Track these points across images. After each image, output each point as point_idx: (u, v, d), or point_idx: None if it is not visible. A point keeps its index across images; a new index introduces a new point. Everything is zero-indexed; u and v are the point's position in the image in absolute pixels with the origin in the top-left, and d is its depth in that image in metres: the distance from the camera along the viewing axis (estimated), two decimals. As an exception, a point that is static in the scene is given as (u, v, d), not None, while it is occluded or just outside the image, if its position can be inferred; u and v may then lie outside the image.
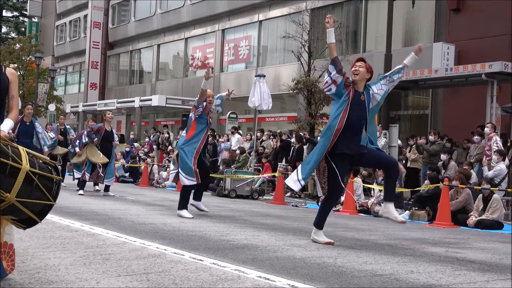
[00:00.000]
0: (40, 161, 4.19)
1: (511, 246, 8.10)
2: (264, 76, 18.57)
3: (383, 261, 6.22)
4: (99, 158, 14.41)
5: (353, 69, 7.41)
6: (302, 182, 7.21)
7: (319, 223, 7.40)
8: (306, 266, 5.63)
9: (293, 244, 7.11)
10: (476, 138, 15.78)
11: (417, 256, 6.79)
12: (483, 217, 11.70)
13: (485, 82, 16.90)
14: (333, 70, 7.39)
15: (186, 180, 9.75)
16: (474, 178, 13.86)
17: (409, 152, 17.51)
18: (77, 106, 38.81)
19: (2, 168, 3.87)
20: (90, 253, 5.56)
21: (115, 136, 15.24)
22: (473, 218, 11.80)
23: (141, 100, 32.22)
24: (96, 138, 14.54)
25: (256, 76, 18.66)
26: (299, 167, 7.34)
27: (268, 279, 4.87)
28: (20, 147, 4.13)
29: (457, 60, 20.88)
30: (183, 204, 9.92)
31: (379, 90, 7.45)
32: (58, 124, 17.77)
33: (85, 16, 45.35)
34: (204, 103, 10.16)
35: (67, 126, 17.75)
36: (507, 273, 6.02)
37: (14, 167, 3.93)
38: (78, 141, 15.32)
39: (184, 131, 10.73)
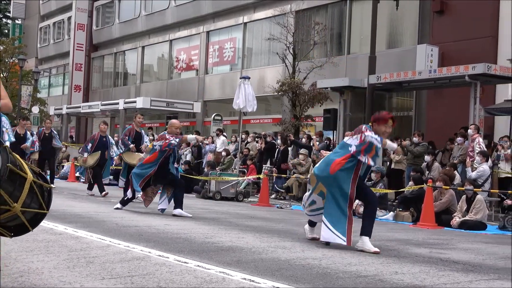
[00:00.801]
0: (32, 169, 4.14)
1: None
2: (249, 78, 18.58)
3: (368, 262, 6.24)
4: (136, 158, 13.55)
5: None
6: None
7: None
8: (290, 267, 5.64)
9: (278, 246, 7.12)
10: (459, 139, 15.88)
11: (401, 257, 6.82)
12: (467, 218, 11.77)
13: (469, 83, 17.01)
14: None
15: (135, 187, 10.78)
16: (457, 179, 13.95)
17: (393, 153, 17.56)
18: (61, 109, 38.63)
19: (13, 178, 3.81)
20: (74, 256, 5.54)
21: (146, 137, 14.68)
22: (456, 219, 11.86)
23: (125, 102, 32.13)
24: (132, 145, 13.99)
25: (241, 78, 18.65)
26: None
27: (253, 281, 4.87)
28: (15, 155, 4.03)
29: (440, 62, 21.01)
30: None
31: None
32: (44, 128, 17.29)
33: (69, 18, 45.14)
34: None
35: (54, 131, 17.52)
36: (491, 273, 6.06)
37: (22, 177, 3.86)
38: (90, 144, 15.39)
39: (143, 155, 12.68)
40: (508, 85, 18.96)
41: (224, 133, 23.89)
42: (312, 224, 7.94)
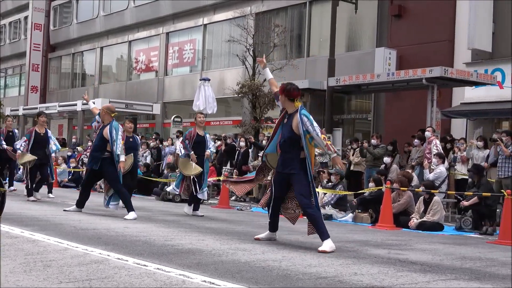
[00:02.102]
0: None
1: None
2: (209, 79, 18.55)
3: (327, 264, 6.27)
4: (192, 169, 12.00)
5: None
6: None
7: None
8: (251, 269, 5.63)
9: (238, 248, 7.10)
10: (416, 141, 16.10)
11: (360, 258, 6.88)
12: (424, 219, 11.93)
13: (426, 86, 17.27)
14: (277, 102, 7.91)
15: None
16: (415, 180, 14.13)
17: (353, 155, 17.73)
18: (17, 110, 37.91)
19: None
20: (31, 260, 5.43)
21: (210, 142, 12.56)
22: (414, 220, 12.01)
23: (83, 104, 31.71)
24: (192, 152, 12.00)
25: (200, 79, 18.61)
26: None
27: (213, 283, 4.85)
28: None
29: (398, 65, 21.29)
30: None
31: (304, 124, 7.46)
32: (5, 127, 16.39)
33: (26, 18, 44.42)
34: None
35: (15, 130, 17.11)
36: (448, 273, 6.15)
37: None
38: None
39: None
40: (464, 88, 19.31)
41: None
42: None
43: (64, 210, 11.11)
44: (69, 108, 33.44)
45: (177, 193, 13.15)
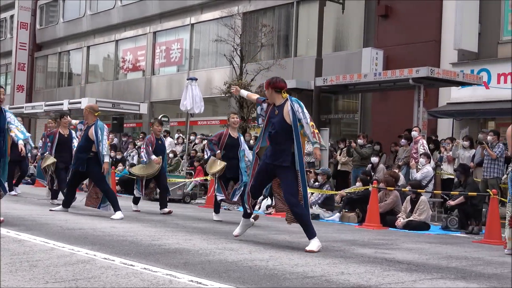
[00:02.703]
0: None
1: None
2: (196, 79, 18.50)
3: (314, 263, 6.28)
4: (217, 166, 11.12)
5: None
6: None
7: None
8: (238, 269, 5.63)
9: (225, 248, 7.10)
10: (403, 141, 16.16)
11: (347, 258, 6.89)
12: (411, 218, 11.98)
13: (412, 86, 17.34)
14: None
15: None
16: (402, 180, 14.19)
17: (340, 155, 17.78)
18: (3, 109, 37.68)
19: None
20: (17, 260, 5.40)
21: (244, 144, 11.47)
22: (401, 220, 12.06)
23: (70, 103, 31.53)
24: (218, 151, 11.18)
25: (188, 79, 18.56)
26: None
27: (200, 283, 4.84)
28: None
29: (385, 65, 21.37)
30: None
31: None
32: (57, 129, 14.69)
33: (12, 16, 44.14)
34: None
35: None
36: (434, 272, 6.18)
37: None
38: (149, 148, 12.39)
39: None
40: (451, 88, 19.41)
41: (181, 135, 23.29)
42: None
43: (51, 210, 11.07)
44: (55, 108, 33.23)
45: (140, 195, 12.73)
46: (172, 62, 32.17)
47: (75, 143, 13.11)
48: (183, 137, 21.97)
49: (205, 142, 20.98)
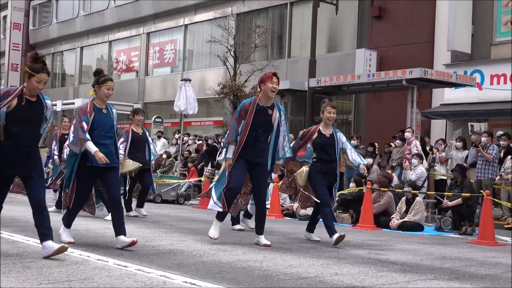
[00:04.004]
0: None
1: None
2: (190, 80, 18.48)
3: (308, 264, 6.28)
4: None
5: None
6: None
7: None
8: (232, 270, 5.63)
9: (219, 249, 7.10)
10: (397, 142, 16.19)
11: (341, 259, 6.90)
12: (406, 219, 11.99)
13: (406, 87, 17.37)
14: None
15: None
16: (395, 181, 14.21)
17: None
18: (-4, 110, 37.58)
19: None
20: (10, 261, 5.39)
21: (342, 142, 9.09)
22: (395, 221, 12.07)
23: (63, 104, 31.48)
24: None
25: (181, 80, 18.54)
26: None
27: (194, 284, 4.84)
28: None
29: (379, 66, 21.41)
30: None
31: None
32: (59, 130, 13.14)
33: (5, 17, 43.95)
34: None
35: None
36: (427, 273, 6.19)
37: None
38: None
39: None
40: (444, 89, 19.46)
41: (181, 135, 23.08)
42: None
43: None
44: (48, 108, 33.18)
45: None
46: (166, 63, 32.13)
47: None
48: (183, 137, 21.85)
49: (199, 142, 20.96)
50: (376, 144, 18.12)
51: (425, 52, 20.67)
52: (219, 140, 19.89)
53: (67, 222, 7.13)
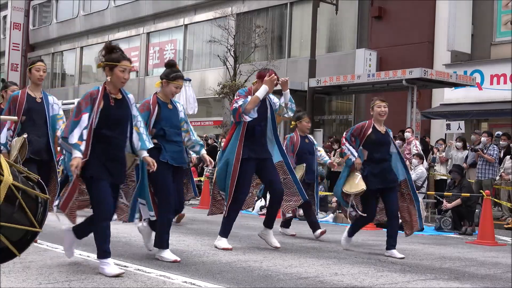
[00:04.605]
0: (22, 174, 3.22)
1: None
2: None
3: (308, 264, 6.28)
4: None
5: None
6: None
7: None
8: (232, 270, 5.63)
9: (218, 249, 7.09)
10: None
11: (341, 259, 6.90)
12: (406, 218, 11.96)
13: (406, 88, 17.38)
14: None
15: None
16: (395, 181, 14.17)
17: (333, 156, 17.76)
18: (-4, 110, 37.56)
19: None
20: (10, 262, 5.37)
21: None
22: (395, 221, 12.04)
23: (63, 104, 31.37)
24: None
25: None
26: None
27: (193, 284, 4.84)
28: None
29: (379, 66, 21.40)
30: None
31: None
32: None
33: (5, 17, 43.95)
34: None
35: None
36: (427, 273, 6.19)
37: None
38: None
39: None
40: (444, 89, 19.46)
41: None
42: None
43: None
44: (49, 108, 33.16)
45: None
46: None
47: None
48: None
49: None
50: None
51: (425, 52, 20.68)
52: (220, 140, 19.90)
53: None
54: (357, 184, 7.54)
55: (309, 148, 9.60)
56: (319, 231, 9.01)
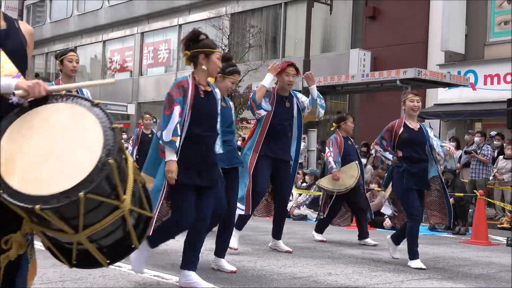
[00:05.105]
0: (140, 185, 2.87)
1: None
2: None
3: (302, 264, 6.29)
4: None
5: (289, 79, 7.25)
6: None
7: None
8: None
9: (213, 249, 7.07)
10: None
11: (335, 258, 6.91)
12: (399, 219, 11.98)
13: (400, 88, 17.38)
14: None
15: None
16: (389, 181, 14.19)
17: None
18: (-10, 110, 37.47)
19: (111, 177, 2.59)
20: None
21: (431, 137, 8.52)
22: (389, 221, 12.07)
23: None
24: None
25: (176, 80, 18.54)
26: None
27: (187, 284, 4.83)
28: (130, 157, 2.87)
29: (373, 66, 21.43)
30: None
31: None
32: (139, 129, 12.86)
33: (-2, 17, 43.90)
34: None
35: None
36: (421, 273, 6.20)
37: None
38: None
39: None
40: (438, 89, 19.49)
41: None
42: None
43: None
44: (42, 108, 33.07)
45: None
46: (160, 63, 32.10)
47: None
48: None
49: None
50: (370, 144, 18.13)
51: (419, 52, 20.71)
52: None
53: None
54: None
55: (352, 150, 9.22)
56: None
